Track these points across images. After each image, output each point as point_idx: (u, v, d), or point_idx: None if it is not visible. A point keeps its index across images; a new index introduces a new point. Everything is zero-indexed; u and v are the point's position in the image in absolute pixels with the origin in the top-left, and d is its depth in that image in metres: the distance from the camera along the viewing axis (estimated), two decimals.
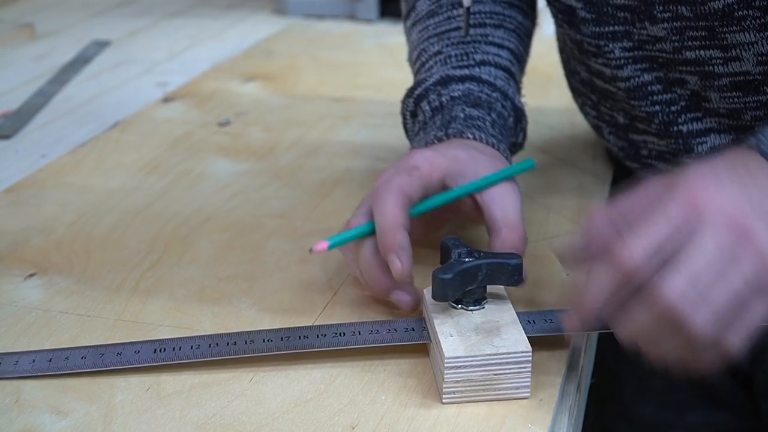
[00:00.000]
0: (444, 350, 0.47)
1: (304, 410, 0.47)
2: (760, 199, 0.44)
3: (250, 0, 1.52)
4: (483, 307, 0.51)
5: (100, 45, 1.23)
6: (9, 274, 0.61)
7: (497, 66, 0.68)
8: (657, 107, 0.67)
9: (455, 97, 0.64)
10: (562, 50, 0.79)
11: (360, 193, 0.73)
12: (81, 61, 1.15)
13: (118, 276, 0.61)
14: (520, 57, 0.72)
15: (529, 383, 0.48)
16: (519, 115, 0.67)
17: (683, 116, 0.66)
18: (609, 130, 0.74)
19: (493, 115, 0.64)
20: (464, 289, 0.51)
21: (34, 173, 0.78)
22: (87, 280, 0.60)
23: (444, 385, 0.47)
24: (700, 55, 0.62)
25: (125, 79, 1.09)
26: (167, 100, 0.97)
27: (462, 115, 0.63)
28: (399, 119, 0.69)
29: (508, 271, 0.51)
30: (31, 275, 0.61)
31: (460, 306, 0.51)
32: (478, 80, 0.66)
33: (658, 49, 0.64)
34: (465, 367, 0.47)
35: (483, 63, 0.67)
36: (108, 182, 0.76)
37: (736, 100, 0.63)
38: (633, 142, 0.72)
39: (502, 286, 0.53)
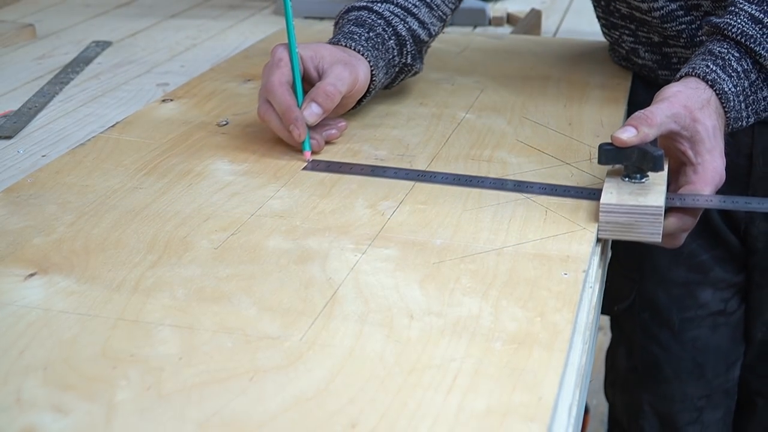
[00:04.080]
0: (602, 199, 0.68)
1: (305, 409, 0.47)
2: (697, 98, 0.74)
3: (251, 1, 1.52)
4: (642, 182, 0.70)
5: (101, 45, 1.23)
6: (9, 274, 0.61)
7: (396, 4, 0.92)
8: (683, 26, 0.92)
9: (349, 19, 0.91)
10: None
11: (359, 193, 0.74)
12: (82, 61, 1.16)
13: (118, 276, 0.61)
14: (430, 4, 0.94)
15: (660, 232, 0.67)
16: (402, 40, 0.91)
17: (702, 31, 0.85)
18: (645, 49, 0.99)
19: (371, 34, 0.88)
20: (620, 162, 0.71)
21: (35, 173, 0.78)
22: (87, 280, 0.61)
23: (599, 224, 0.67)
24: None
25: (125, 80, 1.09)
26: (167, 100, 0.97)
27: (346, 29, 0.89)
28: (398, 119, 0.70)
29: (652, 159, 0.69)
30: (31, 275, 0.61)
31: (626, 179, 0.71)
32: (369, 10, 0.91)
33: None
34: (614, 212, 0.67)
35: (384, 0, 0.92)
36: (108, 182, 0.76)
37: None
38: (666, 55, 0.97)
39: (665, 174, 0.72)
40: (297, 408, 0.47)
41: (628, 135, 0.70)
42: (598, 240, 0.68)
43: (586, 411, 1.38)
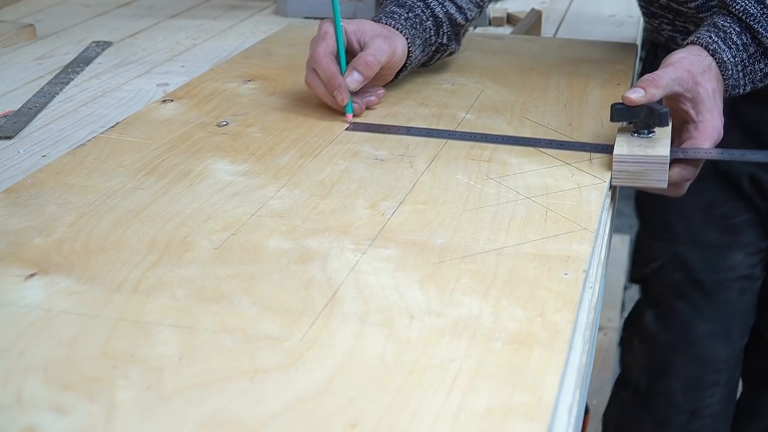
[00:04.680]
0: (615, 150, 0.77)
1: (305, 409, 0.47)
2: (699, 64, 0.83)
3: (251, 1, 1.52)
4: (650, 137, 0.80)
5: (101, 46, 1.23)
6: (9, 274, 0.61)
7: None
8: None
9: (392, 0, 0.98)
10: None
11: (359, 193, 0.74)
12: (82, 61, 1.16)
13: (118, 276, 0.61)
14: None
15: (666, 179, 0.77)
16: (438, 21, 0.98)
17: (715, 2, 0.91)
18: (682, 37, 1.04)
19: (410, 14, 0.96)
20: (629, 120, 0.80)
21: (35, 173, 0.78)
22: (87, 280, 0.61)
23: (613, 173, 0.77)
24: None
25: (126, 80, 1.09)
26: (167, 100, 0.97)
27: (387, 9, 0.97)
28: (398, 119, 0.74)
29: (658, 115, 0.79)
30: (31, 275, 0.61)
31: (635, 134, 0.80)
32: None
33: None
34: (625, 162, 0.77)
35: None
36: (108, 182, 0.76)
37: None
38: None
39: (670, 129, 0.81)
40: (297, 408, 0.47)
41: (637, 95, 0.79)
42: (611, 188, 0.78)
43: (587, 411, 1.38)
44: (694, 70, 0.82)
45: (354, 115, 0.90)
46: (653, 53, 1.15)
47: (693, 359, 1.17)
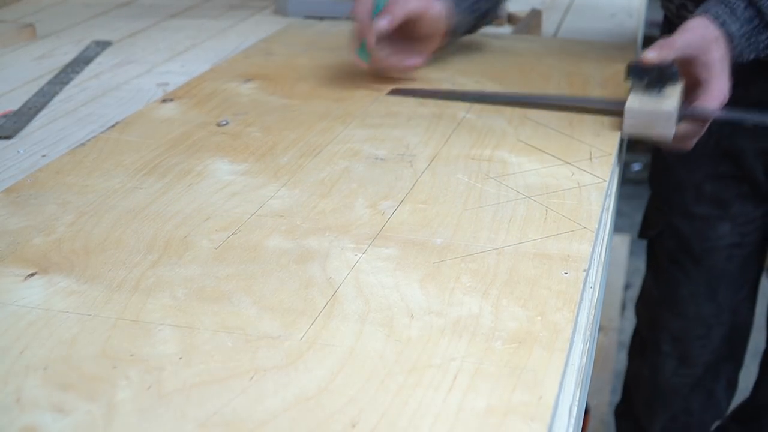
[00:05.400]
0: (627, 104, 0.86)
1: (305, 408, 0.47)
2: (710, 33, 0.90)
3: (251, 1, 1.52)
4: (659, 95, 0.87)
5: (101, 45, 1.23)
6: (9, 274, 0.61)
7: None
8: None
9: None
10: None
11: (359, 192, 0.74)
12: (82, 61, 1.16)
13: (118, 275, 0.61)
14: None
15: (671, 133, 0.85)
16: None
17: None
18: (693, 5, 1.05)
19: None
20: (642, 79, 0.87)
21: (35, 173, 0.78)
22: (87, 280, 0.61)
23: (623, 124, 0.86)
24: None
25: (126, 80, 1.09)
26: (167, 100, 0.97)
27: None
28: (397, 119, 0.70)
29: (669, 74, 0.87)
30: (31, 275, 0.61)
31: (647, 92, 0.87)
32: None
33: None
34: (635, 117, 0.85)
35: None
36: (108, 182, 0.76)
37: None
38: None
39: (679, 88, 0.88)
40: (297, 407, 0.47)
41: (652, 54, 0.87)
42: (622, 140, 0.86)
43: (587, 411, 1.39)
44: (707, 37, 0.89)
45: (381, 72, 0.99)
46: (668, 27, 1.19)
47: (679, 315, 1.30)
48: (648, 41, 0.95)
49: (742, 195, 1.21)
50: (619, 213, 2.24)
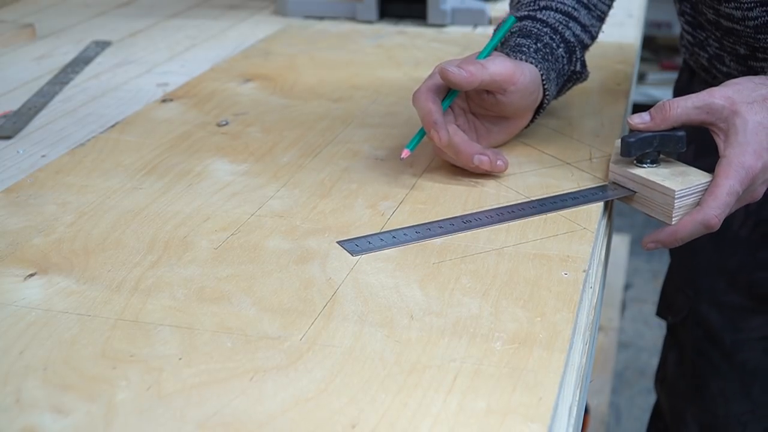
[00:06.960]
0: (669, 186, 0.69)
1: (305, 409, 0.47)
2: (750, 93, 0.72)
3: (251, 1, 1.52)
4: (658, 165, 0.72)
5: (101, 45, 1.23)
6: (9, 274, 0.61)
7: (557, 10, 0.86)
8: None
9: (513, 32, 0.84)
10: None
11: (359, 192, 0.74)
12: (81, 61, 1.16)
13: (118, 276, 0.61)
14: (588, 5, 0.88)
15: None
16: (570, 47, 0.85)
17: None
18: (730, 58, 0.94)
19: (539, 44, 0.82)
20: (643, 151, 0.71)
21: (34, 173, 0.78)
22: (87, 280, 0.61)
23: (674, 212, 0.69)
24: None
25: (125, 80, 1.09)
26: (167, 100, 0.97)
27: (512, 42, 0.83)
28: (397, 119, 0.70)
29: (675, 140, 0.72)
30: (31, 275, 0.61)
31: (645, 165, 0.72)
32: (533, 18, 0.85)
33: None
34: (684, 196, 0.69)
35: (545, 8, 0.86)
36: (107, 182, 0.76)
37: None
38: (752, 68, 0.92)
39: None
40: (297, 408, 0.47)
41: (639, 120, 0.73)
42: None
43: (587, 411, 1.38)
44: (737, 99, 0.71)
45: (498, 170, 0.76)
46: (688, 78, 1.05)
47: (708, 412, 1.12)
48: (648, 41, 0.91)
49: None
50: (619, 213, 2.24)
